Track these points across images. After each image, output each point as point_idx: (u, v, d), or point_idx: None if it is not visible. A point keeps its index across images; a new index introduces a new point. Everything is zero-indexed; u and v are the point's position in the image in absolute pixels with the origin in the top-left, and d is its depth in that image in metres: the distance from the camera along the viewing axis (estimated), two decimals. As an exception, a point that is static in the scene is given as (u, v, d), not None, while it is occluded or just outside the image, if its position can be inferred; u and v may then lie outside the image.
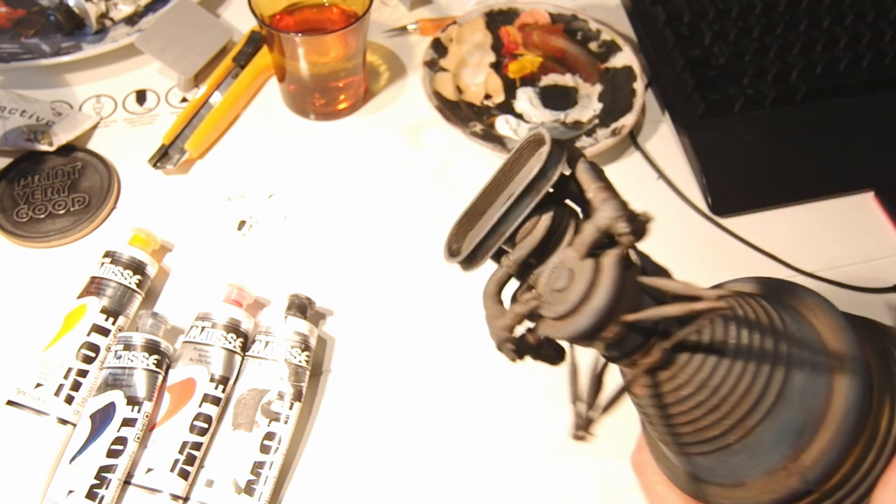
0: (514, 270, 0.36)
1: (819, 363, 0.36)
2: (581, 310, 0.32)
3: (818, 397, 0.36)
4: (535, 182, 0.33)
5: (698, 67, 0.66)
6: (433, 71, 0.66)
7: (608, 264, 0.32)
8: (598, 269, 0.32)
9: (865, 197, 0.63)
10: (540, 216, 0.34)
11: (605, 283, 0.31)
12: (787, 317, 0.37)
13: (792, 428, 0.36)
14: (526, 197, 0.34)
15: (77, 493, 0.45)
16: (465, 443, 0.51)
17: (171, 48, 0.66)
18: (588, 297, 0.32)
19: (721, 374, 0.36)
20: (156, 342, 0.49)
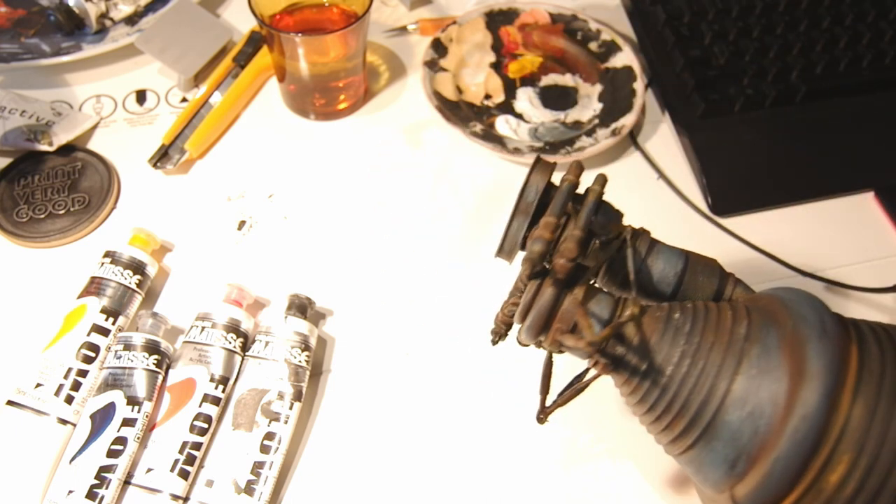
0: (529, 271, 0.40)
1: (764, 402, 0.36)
2: (522, 325, 0.40)
3: (754, 437, 0.36)
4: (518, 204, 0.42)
5: (698, 67, 0.66)
6: (433, 71, 0.66)
7: (543, 288, 0.39)
8: (537, 290, 0.39)
9: (865, 197, 0.63)
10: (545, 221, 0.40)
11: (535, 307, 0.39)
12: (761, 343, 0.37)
13: (724, 459, 0.37)
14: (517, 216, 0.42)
15: (77, 493, 0.45)
16: (465, 443, 0.51)
17: (171, 48, 0.66)
18: (525, 316, 0.40)
19: (655, 395, 0.38)
20: (156, 342, 0.49)
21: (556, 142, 0.63)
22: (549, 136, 0.64)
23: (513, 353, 0.55)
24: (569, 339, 0.37)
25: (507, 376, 0.53)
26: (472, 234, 0.60)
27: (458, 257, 0.59)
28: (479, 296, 0.57)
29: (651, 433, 0.41)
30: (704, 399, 0.37)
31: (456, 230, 0.60)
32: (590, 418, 0.52)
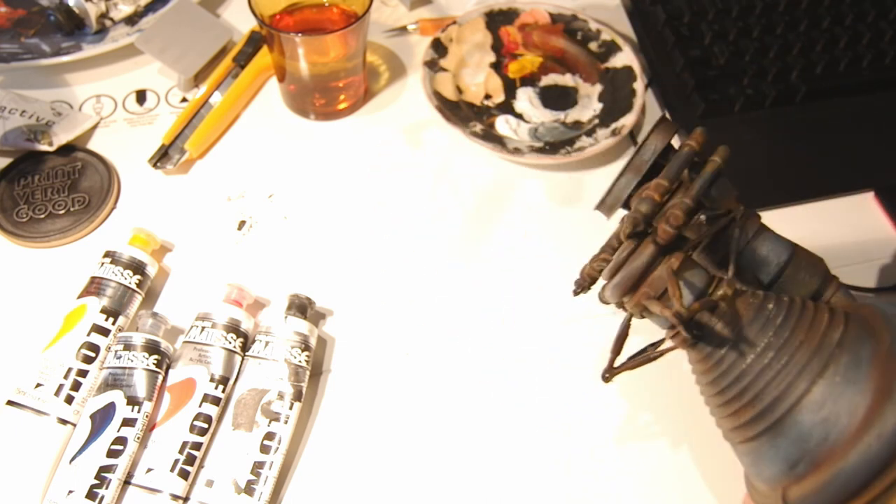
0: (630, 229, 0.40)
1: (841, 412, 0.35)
2: (609, 282, 0.39)
3: (822, 443, 0.35)
4: (631, 161, 0.42)
5: (698, 67, 0.66)
6: (433, 71, 0.66)
7: (640, 250, 0.38)
8: (634, 251, 0.39)
9: (865, 197, 0.63)
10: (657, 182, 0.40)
11: (628, 265, 0.38)
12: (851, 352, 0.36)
13: (785, 457, 0.36)
14: (627, 171, 0.42)
15: (77, 493, 0.45)
16: (465, 443, 0.51)
17: (171, 48, 0.66)
18: (615, 273, 0.39)
19: (731, 378, 0.37)
20: (156, 342, 0.49)
21: (556, 142, 0.63)
22: (549, 136, 0.64)
23: (513, 353, 0.55)
24: (655, 305, 0.37)
25: (507, 376, 0.53)
26: (472, 234, 0.60)
27: (458, 257, 0.59)
28: (479, 296, 0.57)
29: (714, 415, 0.41)
30: (780, 395, 0.36)
31: (456, 230, 0.60)
32: (587, 427, 0.52)
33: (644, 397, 0.53)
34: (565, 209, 0.62)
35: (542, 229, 0.60)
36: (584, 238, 0.60)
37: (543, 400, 0.53)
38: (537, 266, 0.58)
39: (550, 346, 0.55)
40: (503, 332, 0.55)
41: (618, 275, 0.39)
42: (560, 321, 0.56)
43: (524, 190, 0.62)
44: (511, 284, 0.58)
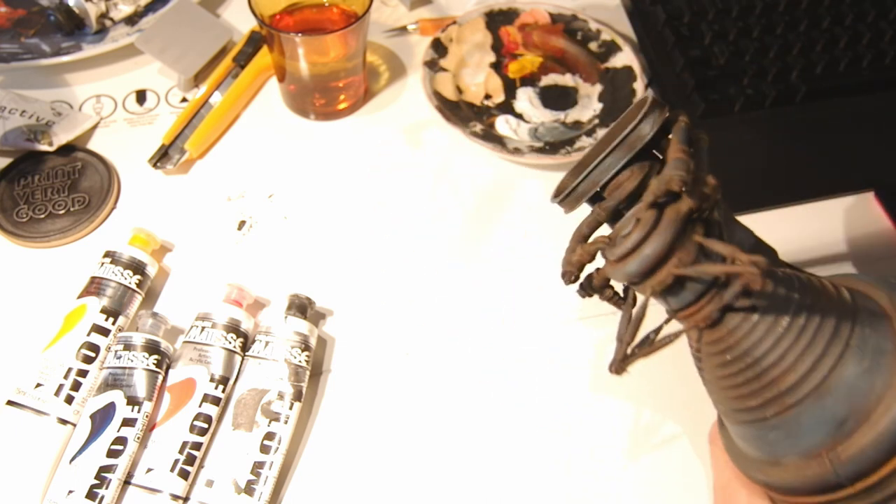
0: (603, 218, 0.38)
1: (882, 362, 0.35)
2: (634, 255, 0.35)
3: (870, 393, 0.35)
4: (625, 138, 0.37)
5: (698, 67, 0.66)
6: (433, 71, 0.66)
7: (668, 218, 0.35)
8: (657, 221, 0.35)
9: (865, 197, 0.63)
10: (633, 169, 0.37)
11: (659, 234, 0.35)
12: (866, 310, 0.37)
13: (832, 417, 0.35)
14: (617, 151, 0.37)
15: (77, 493, 0.45)
16: (466, 443, 0.51)
17: (171, 48, 0.66)
18: (641, 245, 0.35)
19: (767, 346, 0.36)
20: (156, 342, 0.49)
21: (556, 142, 0.63)
22: (549, 136, 0.64)
23: (513, 353, 0.55)
24: (697, 268, 0.35)
25: (507, 376, 0.53)
26: (472, 234, 0.60)
27: (458, 257, 0.59)
28: (479, 296, 0.57)
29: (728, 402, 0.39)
30: (822, 353, 0.35)
31: (456, 230, 0.60)
32: (587, 427, 0.52)
33: (644, 397, 0.53)
34: (565, 209, 0.62)
35: (542, 229, 0.60)
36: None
37: (543, 400, 0.53)
38: (537, 266, 0.58)
39: (550, 346, 0.55)
40: (503, 332, 0.55)
41: (647, 246, 0.35)
42: (560, 321, 0.56)
43: (524, 190, 0.62)
44: (511, 284, 0.58)
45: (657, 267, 0.35)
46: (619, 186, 0.38)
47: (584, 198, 0.39)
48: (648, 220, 0.35)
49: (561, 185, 0.41)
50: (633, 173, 0.38)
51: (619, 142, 0.37)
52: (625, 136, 0.37)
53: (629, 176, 0.38)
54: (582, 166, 0.40)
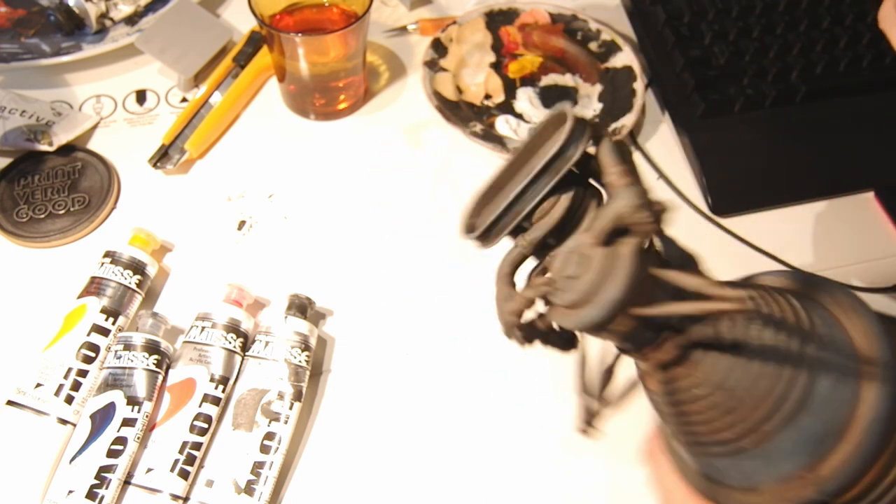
0: (529, 251, 0.35)
1: (847, 369, 0.34)
2: (592, 300, 0.30)
3: (843, 406, 0.34)
4: (553, 161, 0.32)
5: (698, 67, 0.66)
6: (433, 71, 0.66)
7: (624, 255, 0.30)
8: (612, 259, 0.30)
9: (865, 197, 0.63)
10: (559, 196, 0.33)
11: (619, 275, 0.30)
12: (817, 317, 0.35)
13: (811, 436, 0.34)
14: (543, 176, 0.33)
15: (77, 493, 0.45)
16: (466, 443, 0.51)
17: (171, 48, 0.66)
18: (599, 288, 0.30)
19: (737, 376, 0.34)
20: (156, 342, 0.49)
21: (556, 142, 0.63)
22: (549, 136, 0.64)
23: (513, 353, 0.54)
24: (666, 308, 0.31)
25: (507, 376, 0.53)
26: (472, 234, 0.60)
27: (458, 257, 0.59)
28: (479, 296, 0.57)
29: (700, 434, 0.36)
30: (792, 373, 0.33)
31: (456, 230, 0.60)
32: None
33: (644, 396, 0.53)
34: (565, 209, 0.62)
35: (542, 229, 0.60)
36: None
37: (543, 400, 0.53)
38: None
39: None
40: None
41: (606, 290, 0.30)
42: (560, 321, 0.56)
43: (524, 190, 0.62)
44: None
45: (619, 312, 0.31)
46: (545, 215, 0.34)
47: (504, 232, 0.35)
48: (600, 259, 0.31)
49: (469, 220, 0.36)
50: (560, 200, 0.33)
51: (543, 167, 0.32)
52: (550, 161, 0.32)
53: (554, 203, 0.33)
54: (493, 196, 0.36)
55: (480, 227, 0.35)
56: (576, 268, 0.31)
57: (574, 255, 0.31)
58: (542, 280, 0.33)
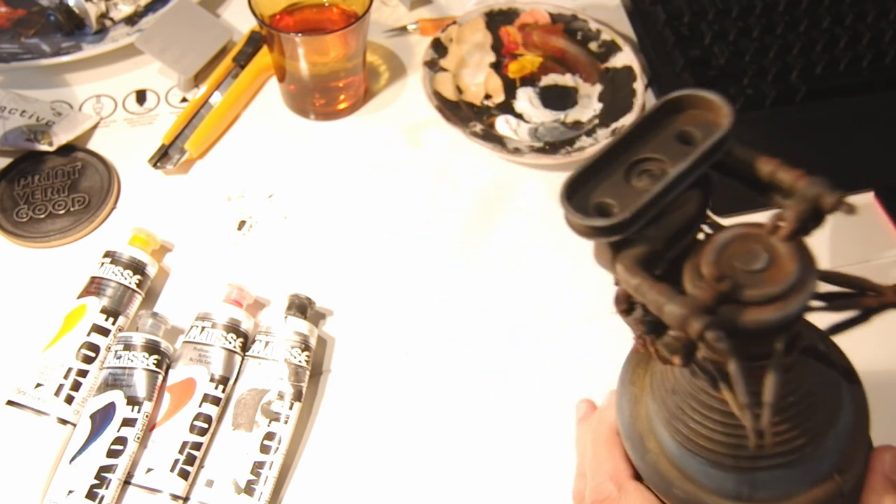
0: (660, 247, 0.31)
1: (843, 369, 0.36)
2: (796, 293, 0.28)
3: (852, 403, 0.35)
4: (714, 148, 0.30)
5: (698, 67, 0.66)
6: (433, 71, 0.66)
7: (804, 246, 0.29)
8: (802, 252, 0.29)
9: (865, 197, 0.63)
10: (693, 191, 0.31)
11: (813, 267, 0.29)
12: None
13: (843, 434, 0.35)
14: (699, 164, 0.30)
15: (77, 493, 0.45)
16: (466, 443, 0.51)
17: (171, 48, 0.66)
18: (804, 280, 0.29)
19: (812, 381, 0.34)
20: (156, 342, 0.49)
21: (556, 142, 0.63)
22: (549, 136, 0.64)
23: (513, 354, 0.55)
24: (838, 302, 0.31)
25: (507, 376, 0.53)
26: (472, 234, 0.60)
27: (458, 257, 0.59)
28: (479, 296, 0.57)
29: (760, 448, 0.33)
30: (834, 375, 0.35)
31: (456, 230, 0.60)
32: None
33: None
34: (565, 209, 0.62)
35: (542, 229, 0.60)
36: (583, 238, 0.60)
37: (543, 400, 0.53)
38: (537, 266, 0.58)
39: (550, 346, 0.55)
40: (503, 332, 0.55)
41: (810, 283, 0.29)
42: (560, 321, 0.56)
43: (524, 190, 0.62)
44: (511, 284, 0.57)
45: None
46: (676, 211, 0.31)
47: (645, 218, 0.30)
48: (795, 253, 0.29)
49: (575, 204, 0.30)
50: (693, 196, 0.31)
51: (705, 152, 0.29)
52: (712, 147, 0.30)
53: (687, 199, 0.31)
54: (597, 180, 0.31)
55: (621, 214, 0.29)
56: (766, 262, 0.29)
57: (757, 248, 0.29)
58: (712, 275, 0.29)
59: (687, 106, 0.31)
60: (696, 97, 0.31)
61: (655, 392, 0.36)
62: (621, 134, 0.31)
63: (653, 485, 0.37)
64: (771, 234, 0.29)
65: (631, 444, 0.38)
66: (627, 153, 0.31)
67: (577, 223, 0.29)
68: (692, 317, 0.26)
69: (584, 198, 0.31)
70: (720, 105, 0.30)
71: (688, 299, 0.27)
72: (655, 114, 0.32)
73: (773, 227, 0.29)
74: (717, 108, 0.30)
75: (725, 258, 0.29)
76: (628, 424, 0.39)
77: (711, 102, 0.31)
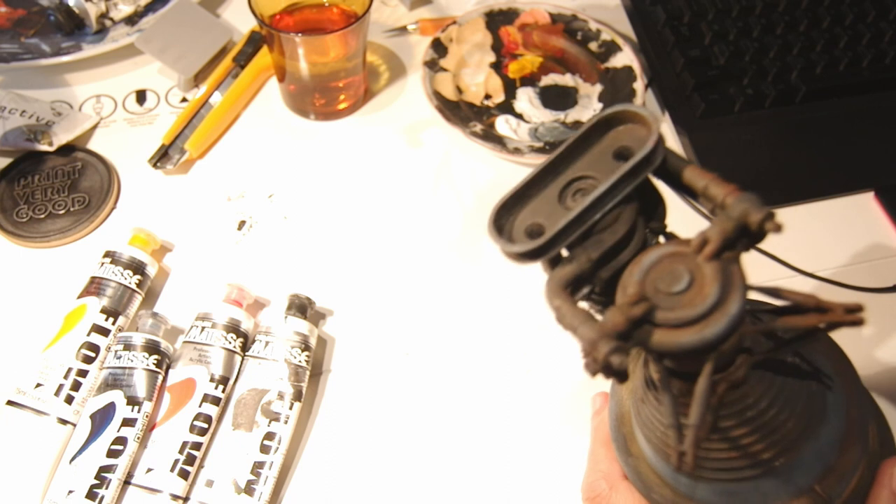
0: (587, 267, 0.30)
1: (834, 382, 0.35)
2: (715, 316, 0.27)
3: (842, 415, 0.34)
4: (639, 166, 0.29)
5: (698, 67, 0.66)
6: (433, 71, 0.66)
7: (735, 267, 0.28)
8: (726, 272, 0.28)
9: (865, 197, 0.63)
10: (624, 208, 0.30)
11: (739, 288, 0.28)
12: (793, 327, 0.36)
13: (826, 446, 0.34)
14: (624, 182, 0.29)
15: (77, 493, 0.45)
16: (465, 443, 0.51)
17: (171, 48, 0.66)
18: (723, 302, 0.27)
19: (783, 394, 0.33)
20: (156, 342, 0.49)
21: (556, 142, 0.63)
22: (549, 136, 0.64)
23: (513, 354, 0.55)
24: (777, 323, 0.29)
25: (508, 376, 0.53)
26: (472, 234, 0.60)
27: (458, 257, 0.59)
28: (479, 296, 0.57)
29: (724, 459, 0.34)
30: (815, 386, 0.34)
31: (456, 230, 0.60)
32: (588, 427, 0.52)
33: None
34: (565, 209, 0.62)
35: (542, 229, 0.60)
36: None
37: (544, 400, 0.53)
38: (537, 266, 0.58)
39: (550, 346, 0.55)
40: (503, 332, 0.55)
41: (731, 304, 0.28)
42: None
43: (524, 190, 0.62)
44: (511, 284, 0.57)
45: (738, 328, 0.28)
46: (607, 229, 0.30)
47: (565, 242, 0.30)
48: (716, 272, 0.28)
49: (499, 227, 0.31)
50: (624, 212, 0.30)
51: (629, 171, 0.29)
52: (637, 165, 0.29)
53: (617, 216, 0.30)
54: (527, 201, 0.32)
55: (542, 238, 0.29)
56: (686, 283, 0.28)
57: (680, 268, 0.28)
58: (628, 298, 0.28)
59: (623, 121, 0.31)
60: (628, 113, 0.31)
61: (633, 399, 0.36)
62: (555, 153, 0.31)
63: (637, 488, 0.38)
64: (697, 254, 0.28)
65: (617, 447, 0.39)
66: (564, 173, 0.31)
67: (502, 250, 0.29)
68: (600, 341, 0.27)
69: (515, 220, 0.31)
70: (649, 121, 0.30)
71: (598, 325, 0.27)
72: (590, 132, 0.31)
73: (698, 247, 0.28)
74: (647, 124, 0.30)
75: (650, 279, 0.29)
76: (615, 428, 0.39)
77: (641, 117, 0.30)
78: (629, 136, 0.31)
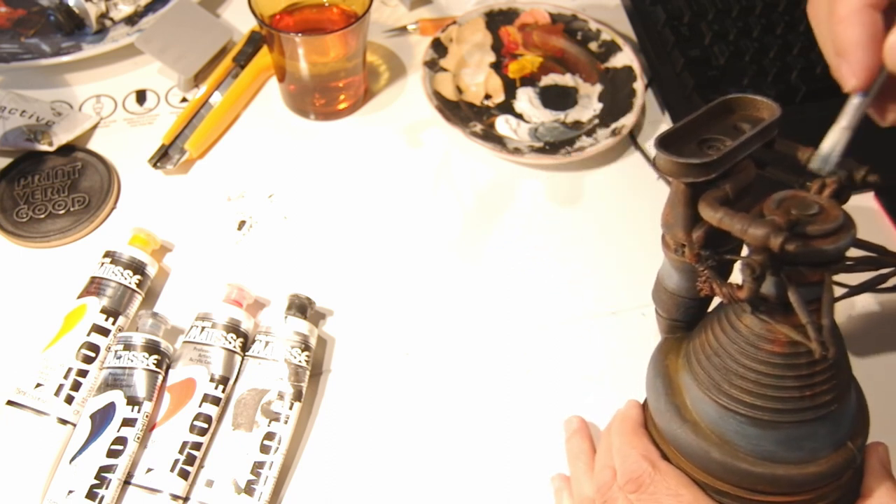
0: (732, 195, 0.37)
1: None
2: (842, 232, 0.35)
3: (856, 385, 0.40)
4: (770, 126, 0.39)
5: (698, 67, 0.66)
6: (433, 71, 0.66)
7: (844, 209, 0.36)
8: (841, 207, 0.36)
9: (865, 197, 0.63)
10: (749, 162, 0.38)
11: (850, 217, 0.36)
12: None
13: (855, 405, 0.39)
14: (762, 134, 0.38)
15: (77, 493, 0.45)
16: (465, 443, 0.51)
17: (171, 48, 0.66)
18: (848, 225, 0.35)
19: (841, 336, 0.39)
20: (156, 342, 0.49)
21: (556, 142, 0.63)
22: (549, 136, 0.64)
23: (513, 354, 0.55)
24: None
25: (508, 376, 0.53)
26: (472, 234, 0.60)
27: (458, 257, 0.59)
28: (478, 296, 0.57)
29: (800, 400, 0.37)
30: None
31: (456, 230, 0.60)
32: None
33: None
34: (565, 209, 0.62)
35: (542, 229, 0.60)
36: (584, 238, 0.60)
37: (544, 400, 0.53)
38: (537, 266, 0.58)
39: (550, 346, 0.55)
40: (503, 332, 0.55)
41: (853, 228, 0.36)
42: (560, 321, 0.56)
43: (524, 190, 0.62)
44: (511, 284, 0.58)
45: None
46: (742, 171, 0.38)
47: (727, 166, 0.37)
48: (836, 206, 0.36)
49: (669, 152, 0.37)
50: (749, 166, 0.38)
51: (764, 128, 0.38)
52: (767, 126, 0.38)
53: (747, 166, 0.38)
54: (685, 140, 0.38)
55: (715, 154, 0.36)
56: (817, 209, 0.35)
57: (809, 199, 0.36)
58: (782, 211, 0.36)
59: (740, 107, 0.40)
60: (745, 99, 0.40)
61: (693, 364, 0.40)
62: (690, 117, 0.38)
63: (690, 454, 0.40)
64: (816, 195, 0.36)
65: (669, 417, 0.41)
66: (697, 132, 0.38)
67: (673, 162, 0.36)
68: (774, 233, 0.32)
69: (671, 153, 0.37)
70: (769, 104, 0.40)
71: (767, 221, 0.33)
72: (714, 108, 0.39)
73: (818, 190, 0.37)
74: (765, 107, 0.40)
75: (784, 207, 0.35)
76: (665, 401, 0.41)
77: (760, 103, 0.40)
78: (741, 119, 0.39)
